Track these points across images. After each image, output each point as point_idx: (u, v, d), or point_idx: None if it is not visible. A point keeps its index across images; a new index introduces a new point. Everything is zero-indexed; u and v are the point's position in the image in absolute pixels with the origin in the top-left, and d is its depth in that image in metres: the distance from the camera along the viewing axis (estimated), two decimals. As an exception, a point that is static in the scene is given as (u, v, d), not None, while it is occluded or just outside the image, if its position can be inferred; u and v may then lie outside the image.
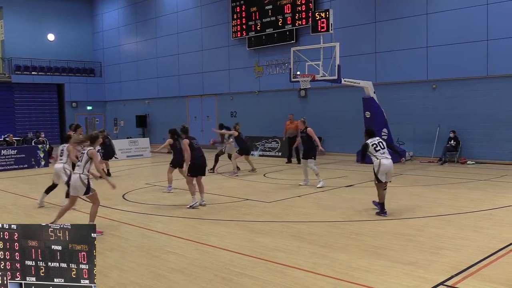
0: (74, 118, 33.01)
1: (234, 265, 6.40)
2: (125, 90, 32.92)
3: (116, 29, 33.40)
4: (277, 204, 10.65)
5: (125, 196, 12.13)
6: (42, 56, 31.83)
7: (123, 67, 32.95)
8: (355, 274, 5.88)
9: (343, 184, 13.15)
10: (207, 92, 27.32)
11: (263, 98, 24.53)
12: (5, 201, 12.14)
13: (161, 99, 30.25)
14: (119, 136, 29.01)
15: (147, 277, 6.01)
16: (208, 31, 26.89)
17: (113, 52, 33.74)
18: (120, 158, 21.84)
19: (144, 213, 9.94)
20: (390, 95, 19.35)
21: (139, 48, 31.62)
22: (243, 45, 24.97)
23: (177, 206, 10.61)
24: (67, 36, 33.57)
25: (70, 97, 33.06)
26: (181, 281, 5.86)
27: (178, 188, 12.91)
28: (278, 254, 6.79)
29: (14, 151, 19.52)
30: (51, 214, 10.20)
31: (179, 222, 9.08)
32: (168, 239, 7.85)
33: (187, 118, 28.56)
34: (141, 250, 7.25)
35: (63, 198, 10.76)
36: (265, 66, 24.29)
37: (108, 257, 6.96)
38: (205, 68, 27.22)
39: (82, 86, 33.61)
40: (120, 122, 33.07)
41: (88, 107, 34.18)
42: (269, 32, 23.50)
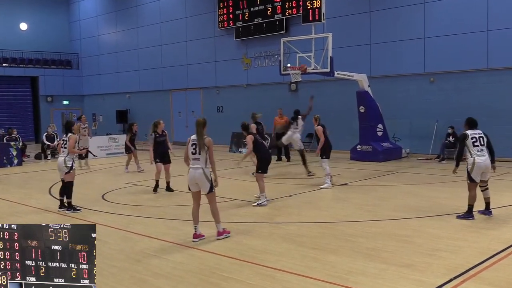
0: (49, 113, 32.77)
1: (221, 268, 6.41)
2: (104, 83, 32.73)
3: (94, 18, 33.18)
4: (266, 204, 10.67)
5: (104, 196, 12.08)
6: (14, 47, 31.51)
7: (102, 59, 32.75)
8: (349, 278, 5.92)
9: (336, 183, 13.21)
10: (191, 86, 27.26)
11: (252, 91, 24.53)
12: None
13: (142, 93, 30.12)
14: (98, 133, 28.85)
15: (128, 283, 6.01)
16: (193, 21, 26.81)
17: (91, 42, 33.51)
18: (99, 156, 21.70)
19: (124, 215, 9.91)
20: (386, 88, 19.46)
21: (119, 39, 31.44)
22: (230, 36, 24.94)
23: (159, 207, 10.60)
24: (41, 25, 33.26)
25: (45, 91, 32.82)
26: (165, 286, 5.86)
27: (161, 188, 12.87)
28: (268, 257, 6.82)
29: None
30: (25, 217, 10.15)
31: (161, 224, 9.07)
32: (150, 242, 7.84)
33: (170, 112, 28.47)
34: (121, 254, 7.24)
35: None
36: (254, 58, 24.29)
37: (86, 262, 6.94)
38: (189, 60, 27.16)
39: (58, 79, 33.35)
40: (99, 118, 32.89)
41: (64, 102, 33.93)
42: (258, 22, 23.49)
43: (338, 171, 15.66)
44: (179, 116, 28.17)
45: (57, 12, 34.36)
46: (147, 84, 29.70)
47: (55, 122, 29.53)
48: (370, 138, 18.10)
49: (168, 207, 10.58)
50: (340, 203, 10.73)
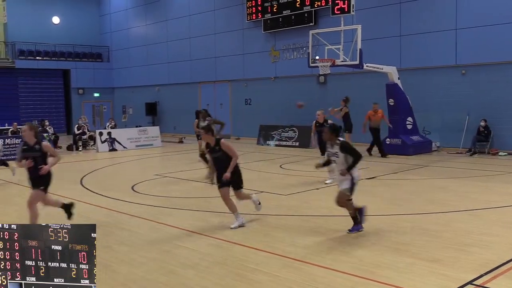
0: (80, 105, 33.33)
1: (248, 260, 6.45)
2: (134, 76, 33.08)
3: (124, 11, 33.52)
4: (294, 197, 10.67)
5: (134, 187, 12.25)
6: (46, 40, 32.12)
7: (131, 52, 33.09)
8: (376, 272, 5.89)
9: (365, 176, 13.10)
10: (220, 78, 27.34)
11: (280, 84, 24.48)
12: (10, 191, 12.34)
13: (171, 85, 30.36)
14: (128, 125, 29.22)
15: (157, 273, 6.09)
16: (222, 13, 26.85)
17: (121, 36, 33.89)
18: (128, 147, 22.07)
19: (154, 206, 10.03)
20: (416, 81, 19.19)
21: (149, 32, 31.71)
22: (258, 28, 24.90)
23: (188, 198, 10.69)
24: (73, 19, 33.78)
25: (76, 83, 33.38)
26: (193, 277, 5.92)
27: (189, 180, 12.98)
28: (295, 250, 6.82)
29: (18, 140, 19.77)
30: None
31: (189, 215, 9.15)
32: (179, 233, 7.93)
33: (199, 105, 28.63)
34: (151, 245, 7.33)
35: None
36: (282, 51, 24.21)
37: (117, 252, 7.06)
38: (218, 53, 27.22)
39: (89, 72, 33.86)
40: (128, 110, 33.29)
41: (95, 94, 34.45)
42: (286, 14, 23.38)
43: (366, 164, 15.53)
44: (207, 109, 28.24)
45: (88, 5, 34.82)
46: (176, 77, 29.90)
47: (86, 114, 30.06)
48: (399, 131, 17.87)
49: (197, 199, 10.66)
50: (368, 196, 10.63)
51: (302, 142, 21.43)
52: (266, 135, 23.18)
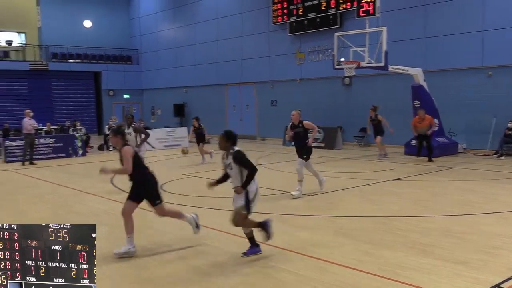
0: (111, 106, 33.76)
1: (273, 259, 6.43)
2: (162, 78, 33.38)
3: (153, 15, 33.85)
4: (319, 197, 10.61)
5: (163, 186, 12.33)
6: (79, 44, 32.64)
7: (160, 54, 33.39)
8: (401, 273, 5.80)
9: (390, 178, 12.97)
10: (246, 80, 27.38)
11: (305, 86, 24.39)
12: (43, 190, 12.56)
13: (199, 87, 30.53)
14: (156, 126, 29.48)
15: (185, 271, 6.11)
16: (248, 16, 26.89)
17: (150, 39, 34.23)
18: (157, 147, 22.31)
19: (182, 205, 10.07)
20: (441, 83, 18.89)
21: (177, 35, 31.95)
22: (284, 31, 24.86)
23: (216, 198, 10.71)
24: (103, 22, 34.26)
25: (107, 85, 33.84)
26: (220, 275, 5.93)
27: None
28: (319, 250, 6.78)
29: (52, 140, 20.17)
30: (89, 205, 10.51)
31: (217, 214, 9.17)
32: (206, 232, 7.94)
33: (225, 106, 28.74)
34: (180, 243, 7.37)
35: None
36: (307, 53, 24.13)
37: (145, 249, 7.11)
38: (244, 55, 27.27)
39: (119, 74, 34.29)
40: (157, 111, 33.59)
41: (125, 96, 34.86)
42: (312, 17, 23.29)
43: (391, 165, 15.37)
44: (234, 110, 28.36)
45: (118, 9, 35.26)
46: (203, 79, 30.06)
47: (116, 114, 30.45)
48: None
49: (224, 198, 10.66)
50: (393, 197, 10.52)
51: (327, 143, 21.31)
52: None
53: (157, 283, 5.74)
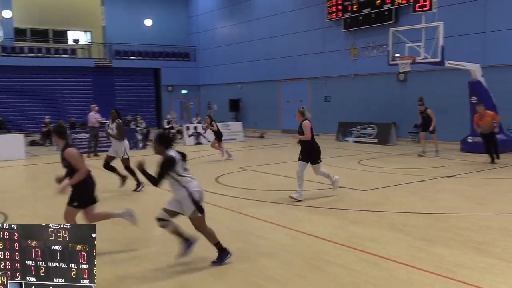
0: (169, 101, 34.44)
1: (326, 253, 6.36)
2: (218, 74, 33.69)
3: (210, 13, 34.19)
4: (373, 192, 10.41)
5: (218, 179, 12.46)
6: (140, 41, 33.43)
7: (216, 51, 33.71)
8: (457, 271, 5.60)
9: (445, 174, 12.56)
10: (300, 76, 27.20)
11: (359, 82, 23.99)
12: (107, 180, 12.91)
13: (254, 83, 30.62)
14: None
15: (238, 261, 6.14)
16: (302, 13, 26.69)
17: (207, 36, 34.61)
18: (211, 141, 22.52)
19: (236, 197, 10.15)
20: (500, 78, 18.07)
21: (233, 32, 32.15)
22: (338, 27, 24.53)
23: (269, 191, 10.72)
24: (163, 21, 34.94)
25: (166, 81, 34.52)
26: (272, 266, 5.93)
27: (270, 173, 13.01)
28: (373, 245, 6.65)
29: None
30: (150, 196, 10.75)
31: (270, 207, 9.17)
32: (259, 224, 7.97)
33: (279, 102, 28.70)
34: (233, 233, 7.42)
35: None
36: (361, 49, 23.71)
37: (201, 239, 7.20)
38: (298, 51, 27.10)
39: (177, 70, 34.88)
40: (213, 106, 33.98)
41: (183, 91, 35.44)
42: (366, 13, 22.85)
43: (447, 162, 14.90)
44: (287, 105, 28.27)
45: (178, 8, 35.83)
46: (258, 75, 30.12)
47: (175, 109, 31.05)
48: (482, 130, 16.94)
49: (277, 192, 10.67)
50: (449, 194, 10.18)
51: (381, 139, 20.89)
52: (345, 132, 22.82)
53: (212, 272, 5.78)
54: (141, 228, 7.32)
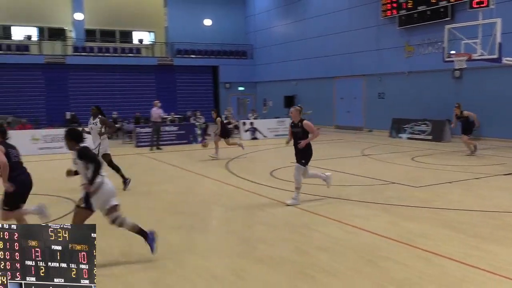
0: (227, 98, 34.82)
1: (378, 248, 6.28)
2: (274, 71, 33.72)
3: (267, 12, 34.24)
4: (426, 189, 10.15)
5: (272, 173, 12.52)
6: (199, 40, 33.96)
7: (272, 49, 33.74)
8: (511, 269, 5.40)
9: (501, 172, 12.07)
10: (354, 73, 26.80)
11: (413, 78, 23.36)
12: (168, 173, 13.29)
13: (308, 80, 30.45)
14: (267, 116, 29.92)
15: (292, 252, 6.17)
16: (357, 11, 26.25)
17: (264, 34, 34.70)
18: (268, 137, 22.68)
19: (290, 191, 10.16)
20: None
21: (288, 30, 32.06)
22: (393, 24, 23.95)
23: (321, 186, 10.66)
24: (222, 21, 35.32)
25: (224, 78, 34.92)
26: (325, 259, 5.92)
27: (323, 168, 12.94)
28: (425, 241, 6.50)
29: (175, 127, 21.32)
30: (206, 187, 10.93)
31: (323, 201, 9.13)
32: (312, 217, 7.96)
33: (333, 98, 28.42)
34: (287, 226, 7.45)
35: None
36: (416, 46, 23.05)
37: (257, 230, 7.29)
38: (352, 49, 26.69)
39: (235, 68, 35.19)
40: (268, 103, 34.07)
41: (239, 88, 35.72)
42: (422, 10, 22.17)
43: (503, 160, 14.30)
44: (341, 102, 27.95)
45: (235, 8, 36.11)
46: (312, 72, 29.92)
47: (232, 105, 31.37)
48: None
49: (331, 186, 10.58)
50: (504, 192, 9.78)
51: (435, 135, 20.30)
52: (398, 128, 22.33)
53: (266, 262, 5.84)
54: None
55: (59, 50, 30.97)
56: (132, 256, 6.12)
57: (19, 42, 30.70)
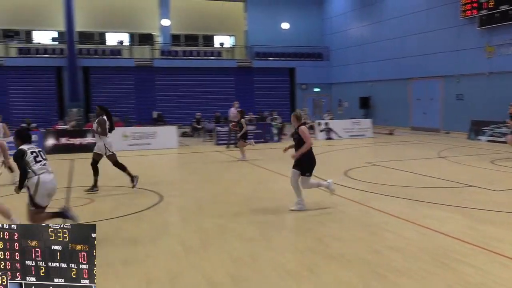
0: (303, 99, 34.78)
1: (454, 251, 6.04)
2: (349, 73, 33.22)
3: (343, 14, 33.78)
4: (505, 193, 9.59)
5: (347, 173, 12.38)
6: (277, 43, 34.15)
7: (348, 51, 33.24)
8: None
9: None
10: (431, 74, 25.76)
11: (494, 80, 22.08)
12: (244, 170, 13.53)
13: (384, 81, 29.70)
14: (343, 117, 29.54)
15: (365, 251, 6.09)
16: (435, 12, 25.21)
17: (340, 37, 34.27)
18: (343, 137, 22.43)
19: (363, 191, 10.01)
20: None
21: (364, 32, 31.44)
22: (473, 24, 22.77)
23: (396, 187, 10.41)
24: (299, 24, 35.29)
25: (300, 79, 34.89)
26: (399, 259, 5.78)
27: (398, 169, 12.61)
28: (504, 246, 6.16)
29: (253, 126, 21.61)
30: (276, 184, 11.02)
31: (397, 202, 8.91)
32: (385, 217, 7.79)
33: (408, 99, 27.52)
34: (359, 225, 7.36)
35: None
36: (498, 46, 21.77)
37: (329, 228, 7.26)
38: (430, 50, 25.67)
39: (311, 70, 35.05)
40: (344, 103, 33.62)
41: (315, 89, 35.54)
42: (504, 9, 20.91)
43: None
44: (417, 103, 26.99)
45: (312, 11, 35.94)
46: (388, 73, 29.13)
47: (307, 106, 31.29)
48: None
49: (405, 187, 10.31)
50: None
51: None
52: (478, 130, 21.20)
53: (339, 260, 5.81)
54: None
55: (147, 54, 32.46)
56: (209, 248, 6.33)
57: (112, 47, 32.53)
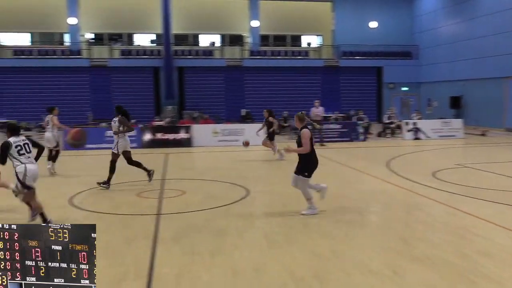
0: (390, 98, 33.70)
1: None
2: (440, 72, 31.64)
3: (434, 12, 32.24)
4: None
5: (435, 174, 11.83)
6: (364, 42, 33.34)
7: (439, 49, 31.67)
8: None
9: None
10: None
11: None
12: (329, 167, 13.40)
13: (477, 80, 27.92)
14: (432, 117, 28.21)
15: (452, 254, 5.80)
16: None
17: (429, 35, 32.75)
18: (431, 137, 21.43)
19: (451, 192, 9.52)
20: None
21: (456, 30, 29.76)
22: None
23: (487, 190, 9.77)
24: (387, 22, 34.19)
25: (387, 78, 33.82)
26: (489, 265, 5.44)
27: (489, 172, 11.84)
28: None
29: (339, 125, 21.35)
30: (366, 185, 10.77)
31: (488, 206, 8.36)
32: (474, 221, 7.35)
33: (504, 99, 25.66)
34: (446, 227, 7.02)
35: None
36: None
37: (414, 229, 7.00)
38: (529, 47, 23.75)
39: (399, 69, 33.84)
40: (433, 103, 32.11)
41: (403, 88, 34.28)
42: None
43: None
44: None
45: (402, 9, 34.67)
46: (481, 72, 27.32)
47: (395, 105, 30.26)
48: None
49: (496, 191, 9.64)
50: None
51: None
52: None
53: (425, 262, 5.58)
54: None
55: (237, 54, 33.13)
56: (292, 243, 6.36)
57: (205, 48, 33.62)
